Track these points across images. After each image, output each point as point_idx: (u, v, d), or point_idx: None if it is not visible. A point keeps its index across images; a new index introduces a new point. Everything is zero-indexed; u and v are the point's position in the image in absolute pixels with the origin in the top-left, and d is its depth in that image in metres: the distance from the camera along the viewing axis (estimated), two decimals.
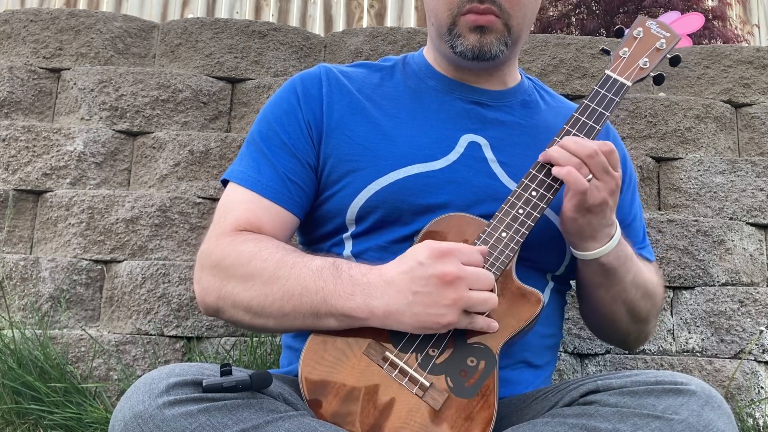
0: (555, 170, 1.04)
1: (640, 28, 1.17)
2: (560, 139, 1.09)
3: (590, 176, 1.03)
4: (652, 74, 1.16)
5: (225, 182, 1.21)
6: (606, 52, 1.20)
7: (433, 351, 0.99)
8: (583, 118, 1.11)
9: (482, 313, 0.99)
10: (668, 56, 1.16)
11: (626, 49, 1.16)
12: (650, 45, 1.16)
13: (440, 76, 1.26)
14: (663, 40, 1.16)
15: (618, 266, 1.13)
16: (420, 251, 0.98)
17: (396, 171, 1.14)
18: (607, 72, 1.15)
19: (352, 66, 1.30)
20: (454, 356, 0.99)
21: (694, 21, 1.23)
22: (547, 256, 1.17)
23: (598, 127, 1.10)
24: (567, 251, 1.18)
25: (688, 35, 1.22)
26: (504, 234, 1.04)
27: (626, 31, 1.19)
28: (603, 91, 1.13)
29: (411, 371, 0.97)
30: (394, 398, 0.96)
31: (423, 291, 0.95)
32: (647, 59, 1.15)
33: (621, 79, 1.14)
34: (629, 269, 1.16)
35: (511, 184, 1.16)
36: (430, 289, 0.95)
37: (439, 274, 0.95)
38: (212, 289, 1.08)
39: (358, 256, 1.14)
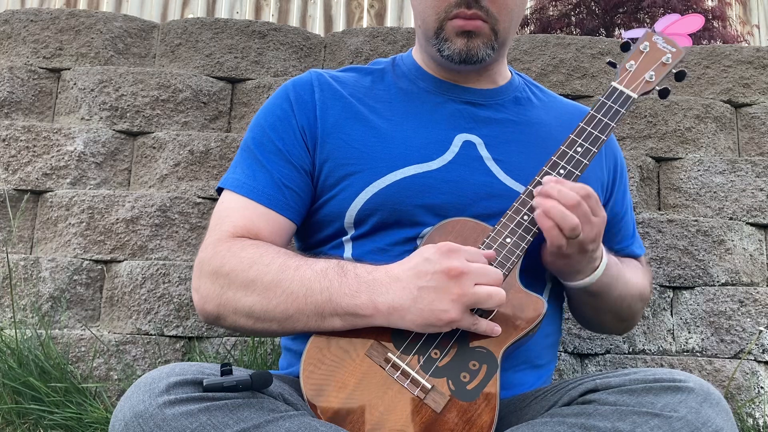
0: (539, 220, 1.04)
1: (647, 42, 1.19)
2: (566, 147, 1.11)
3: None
4: (657, 88, 1.18)
5: (219, 190, 1.21)
6: (612, 65, 1.21)
7: (436, 354, 0.99)
8: (589, 128, 1.12)
9: (488, 313, 0.99)
10: (674, 71, 1.18)
11: (633, 62, 1.18)
12: (656, 59, 1.17)
13: (431, 77, 1.27)
14: (669, 55, 1.17)
15: (603, 290, 1.16)
16: (427, 249, 0.99)
17: (393, 173, 1.14)
18: (614, 84, 1.16)
19: (342, 71, 1.31)
20: (457, 359, 0.99)
21: (694, 22, 1.24)
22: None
23: (603, 138, 1.11)
24: None
25: (688, 35, 1.22)
26: (508, 240, 1.05)
27: (632, 45, 1.20)
28: (609, 103, 1.14)
29: (413, 373, 0.97)
30: (395, 400, 0.96)
31: (428, 286, 0.95)
32: (653, 73, 1.16)
33: (627, 92, 1.15)
34: (615, 288, 1.18)
35: (508, 181, 1.17)
36: (435, 284, 0.95)
37: (445, 269, 0.95)
38: (212, 297, 1.07)
39: (358, 259, 1.14)
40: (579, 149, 1.10)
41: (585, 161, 1.09)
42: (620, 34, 3.60)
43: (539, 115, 1.28)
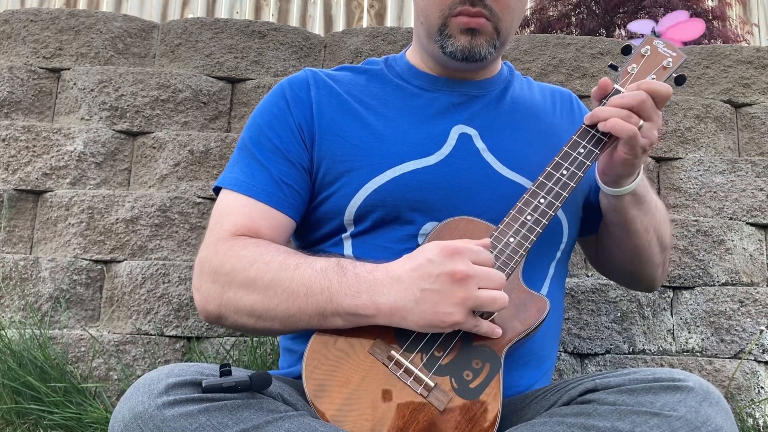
0: (601, 125, 1.09)
1: (648, 47, 1.20)
2: (569, 148, 1.12)
3: (641, 122, 1.08)
4: None
5: (217, 190, 1.21)
6: (614, 68, 1.22)
7: (439, 352, 0.99)
8: (592, 130, 1.13)
9: (491, 314, 1.00)
10: (674, 75, 1.19)
11: (634, 65, 1.19)
12: (657, 63, 1.19)
13: (425, 75, 1.28)
14: (670, 59, 1.18)
15: (646, 193, 1.19)
16: (430, 249, 0.98)
17: (392, 169, 1.15)
18: (616, 86, 1.17)
19: (336, 69, 1.31)
20: (460, 358, 0.99)
21: (696, 29, 1.25)
22: (547, 248, 1.20)
23: (605, 140, 1.12)
24: (564, 236, 1.22)
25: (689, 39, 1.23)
26: (512, 239, 1.05)
27: (633, 48, 1.22)
28: None
29: (416, 371, 0.98)
30: (398, 397, 0.96)
31: (432, 288, 0.95)
32: (654, 76, 1.17)
33: None
34: (652, 196, 1.23)
35: (505, 171, 1.18)
36: (439, 287, 0.95)
37: (449, 272, 0.95)
38: (213, 296, 1.07)
39: (358, 256, 1.14)
40: (582, 150, 1.12)
41: (588, 162, 1.11)
42: (620, 34, 3.60)
43: (533, 99, 1.31)
